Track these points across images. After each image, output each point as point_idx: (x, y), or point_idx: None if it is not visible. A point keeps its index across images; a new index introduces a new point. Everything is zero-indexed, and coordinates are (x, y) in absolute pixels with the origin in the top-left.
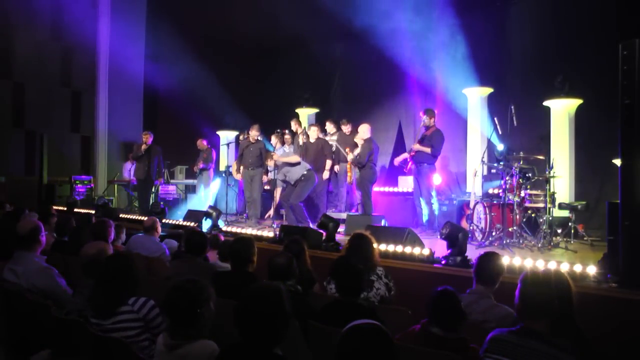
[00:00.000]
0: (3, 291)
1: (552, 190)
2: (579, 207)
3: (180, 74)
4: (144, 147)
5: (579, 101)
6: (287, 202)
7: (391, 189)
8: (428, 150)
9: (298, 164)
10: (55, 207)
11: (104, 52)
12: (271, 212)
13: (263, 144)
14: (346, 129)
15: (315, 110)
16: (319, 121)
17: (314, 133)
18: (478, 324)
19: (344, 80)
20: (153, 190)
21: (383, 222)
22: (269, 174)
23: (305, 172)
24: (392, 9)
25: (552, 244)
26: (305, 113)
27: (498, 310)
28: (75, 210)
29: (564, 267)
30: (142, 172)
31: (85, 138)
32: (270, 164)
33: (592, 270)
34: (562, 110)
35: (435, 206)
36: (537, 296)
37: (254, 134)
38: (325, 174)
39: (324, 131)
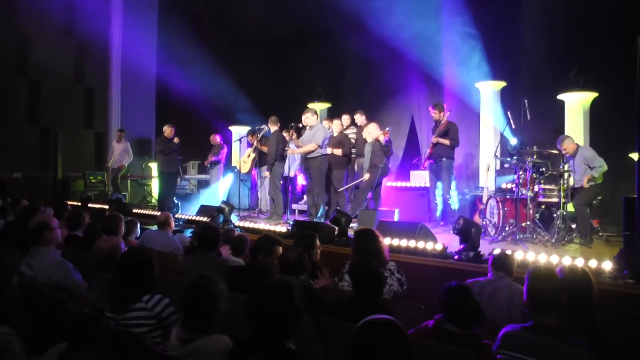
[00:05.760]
0: (20, 285)
1: (566, 185)
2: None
3: (192, 70)
4: (177, 140)
5: (594, 95)
6: (310, 193)
7: (404, 184)
8: (447, 142)
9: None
10: (70, 203)
11: (117, 49)
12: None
13: (280, 135)
14: (360, 119)
15: (328, 105)
16: (330, 116)
17: (337, 127)
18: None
19: (356, 75)
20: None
21: (396, 217)
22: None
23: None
24: (404, 3)
25: (566, 239)
26: (318, 108)
27: (517, 288)
28: (90, 205)
29: (579, 263)
30: (174, 165)
31: (99, 134)
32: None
33: (608, 266)
34: (576, 104)
35: (454, 200)
36: (543, 291)
37: (276, 124)
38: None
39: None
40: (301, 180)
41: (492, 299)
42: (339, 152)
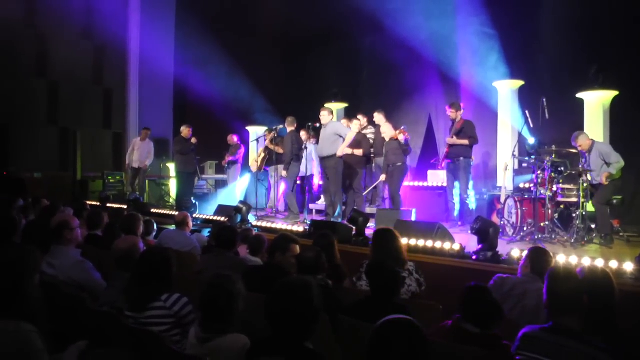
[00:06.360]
0: (41, 284)
1: (585, 184)
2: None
3: (209, 70)
4: (194, 140)
5: (614, 93)
6: (327, 193)
7: (421, 184)
8: (466, 142)
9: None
10: (88, 202)
11: (134, 50)
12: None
13: (296, 135)
14: (378, 118)
15: (344, 105)
16: (347, 116)
17: (355, 127)
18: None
19: (372, 74)
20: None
21: (413, 217)
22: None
23: (328, 159)
24: (420, 3)
25: (585, 239)
26: (334, 108)
27: None
28: (108, 205)
29: (599, 263)
30: (191, 165)
31: (117, 134)
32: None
33: (629, 267)
34: (596, 102)
35: (472, 200)
36: (562, 291)
37: (292, 124)
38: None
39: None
40: (317, 180)
41: (520, 301)
42: (359, 152)
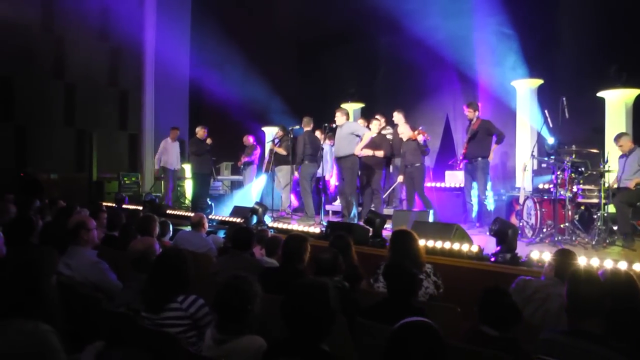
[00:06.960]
0: (58, 284)
1: (606, 185)
2: (637, 203)
3: (224, 71)
4: (209, 141)
5: (637, 91)
6: (342, 194)
7: (439, 184)
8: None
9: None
10: (104, 203)
11: (150, 51)
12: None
13: (310, 135)
14: (398, 118)
15: (361, 105)
16: (364, 116)
17: (375, 127)
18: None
19: (389, 74)
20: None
21: (430, 218)
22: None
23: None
24: (436, 3)
25: (607, 241)
26: (351, 108)
27: None
28: (124, 206)
29: (622, 266)
30: (207, 166)
31: (133, 136)
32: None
33: None
34: (618, 101)
35: (490, 201)
36: (583, 294)
37: (308, 125)
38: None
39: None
40: (333, 181)
41: (543, 304)
42: (379, 153)
